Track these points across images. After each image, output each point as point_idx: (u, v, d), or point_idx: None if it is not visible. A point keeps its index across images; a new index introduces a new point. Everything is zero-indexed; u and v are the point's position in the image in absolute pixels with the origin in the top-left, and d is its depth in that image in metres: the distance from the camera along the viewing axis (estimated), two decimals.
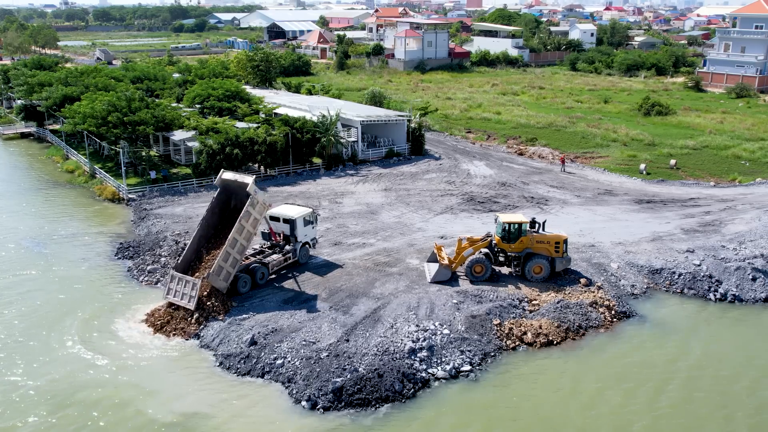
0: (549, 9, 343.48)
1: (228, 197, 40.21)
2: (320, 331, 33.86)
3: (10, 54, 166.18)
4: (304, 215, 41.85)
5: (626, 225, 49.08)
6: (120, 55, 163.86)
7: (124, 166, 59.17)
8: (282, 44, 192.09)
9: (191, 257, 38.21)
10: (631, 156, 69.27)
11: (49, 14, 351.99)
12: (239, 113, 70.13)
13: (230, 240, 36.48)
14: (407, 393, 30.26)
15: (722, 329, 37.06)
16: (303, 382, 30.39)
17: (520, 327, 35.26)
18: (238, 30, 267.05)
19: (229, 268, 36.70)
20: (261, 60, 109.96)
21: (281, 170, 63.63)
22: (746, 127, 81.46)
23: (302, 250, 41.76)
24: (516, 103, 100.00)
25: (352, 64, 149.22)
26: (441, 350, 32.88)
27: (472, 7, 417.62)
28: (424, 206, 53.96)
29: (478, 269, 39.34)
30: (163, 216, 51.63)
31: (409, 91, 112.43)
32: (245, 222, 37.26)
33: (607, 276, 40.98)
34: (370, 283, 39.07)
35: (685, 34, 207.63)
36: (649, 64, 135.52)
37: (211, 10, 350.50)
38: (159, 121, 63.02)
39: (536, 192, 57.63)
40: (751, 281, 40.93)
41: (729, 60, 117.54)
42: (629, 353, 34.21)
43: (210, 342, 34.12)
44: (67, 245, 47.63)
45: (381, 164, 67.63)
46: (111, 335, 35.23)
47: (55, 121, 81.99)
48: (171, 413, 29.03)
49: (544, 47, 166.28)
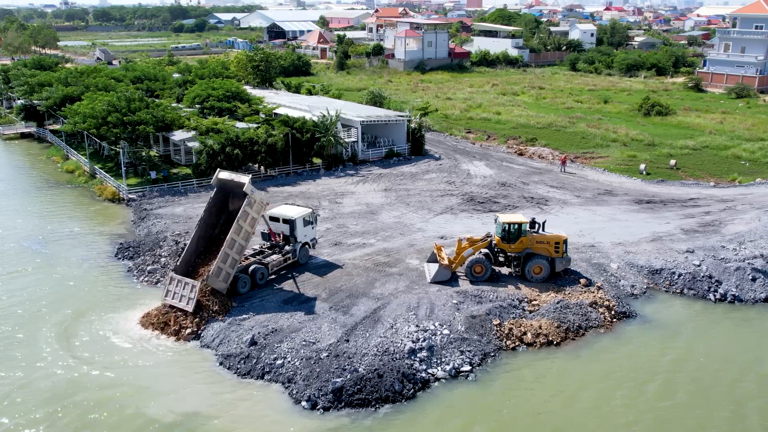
0: (549, 9, 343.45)
1: (225, 197, 40.10)
2: (320, 331, 33.88)
3: (10, 54, 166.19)
4: (304, 215, 41.81)
5: (626, 225, 49.10)
6: (120, 55, 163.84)
7: (124, 166, 59.19)
8: (282, 44, 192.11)
9: (190, 259, 38.12)
10: (631, 156, 69.30)
11: (49, 14, 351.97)
12: (239, 113, 70.15)
13: (228, 241, 36.36)
14: (407, 393, 30.27)
15: (722, 329, 37.06)
16: (303, 382, 30.40)
17: (520, 327, 35.27)
18: (238, 30, 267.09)
19: (228, 269, 36.62)
20: (261, 60, 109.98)
21: (281, 170, 63.65)
22: (746, 127, 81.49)
23: (302, 250, 41.73)
24: (516, 104, 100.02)
25: (352, 64, 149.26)
26: (441, 350, 32.89)
27: (472, 7, 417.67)
28: (424, 206, 53.97)
29: (478, 269, 39.36)
30: (163, 216, 51.65)
31: (409, 91, 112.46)
32: (243, 222, 37.11)
33: (607, 276, 41.00)
34: (370, 283, 39.08)
35: (685, 34, 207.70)
36: (649, 65, 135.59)
37: (211, 10, 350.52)
38: (159, 121, 63.03)
39: (536, 192, 57.65)
40: (751, 281, 40.94)
41: (729, 60, 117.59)
42: (629, 353, 34.21)
43: (210, 342, 34.13)
44: (67, 245, 47.65)
45: (381, 164, 67.65)
46: (111, 335, 35.23)
47: (55, 121, 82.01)
48: (171, 413, 29.04)
49: (544, 47, 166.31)
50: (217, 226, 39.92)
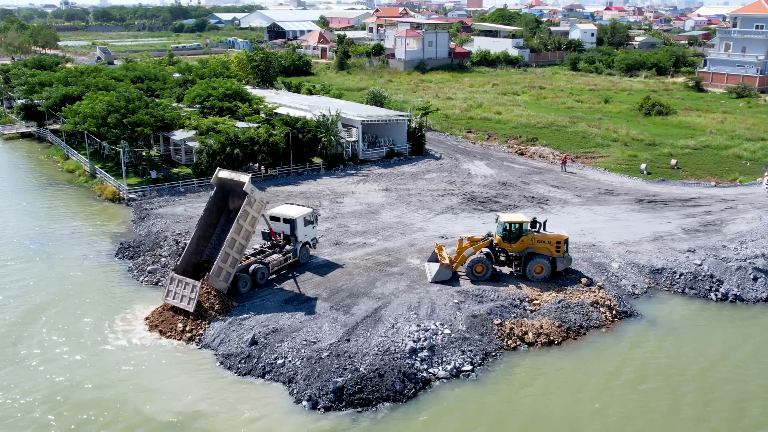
0: (549, 9, 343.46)
1: (225, 196, 40.01)
2: (321, 330, 33.82)
3: (10, 54, 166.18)
4: (305, 215, 41.78)
5: (627, 225, 49.04)
6: (120, 55, 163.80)
7: (124, 165, 59.14)
8: (282, 44, 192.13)
9: (191, 258, 38.04)
10: (632, 156, 69.25)
11: (50, 14, 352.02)
12: (240, 113, 70.10)
13: (229, 240, 36.29)
14: (408, 393, 30.22)
15: (723, 329, 37.00)
16: (304, 381, 30.34)
17: (521, 327, 35.21)
18: (238, 30, 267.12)
19: (228, 268, 36.57)
20: (261, 60, 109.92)
21: (282, 170, 63.60)
22: (747, 126, 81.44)
23: (302, 250, 41.71)
24: (516, 103, 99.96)
25: (352, 64, 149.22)
26: (442, 350, 32.84)
27: (473, 7, 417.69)
28: (424, 206, 53.92)
29: (479, 269, 39.30)
30: (163, 216, 51.60)
31: (410, 91, 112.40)
32: (243, 221, 37.02)
33: (608, 276, 40.94)
34: (370, 282, 39.02)
35: (685, 34, 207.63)
36: (650, 64, 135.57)
37: (212, 10, 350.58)
38: (158, 121, 62.97)
39: (537, 192, 57.60)
40: (752, 281, 40.89)
41: (729, 60, 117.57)
42: (630, 353, 34.17)
43: (211, 342, 34.07)
44: (67, 245, 47.61)
45: (381, 164, 67.60)
46: (111, 335, 35.18)
47: (55, 121, 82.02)
48: (171, 412, 28.99)
49: (545, 47, 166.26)
50: (217, 225, 39.84)
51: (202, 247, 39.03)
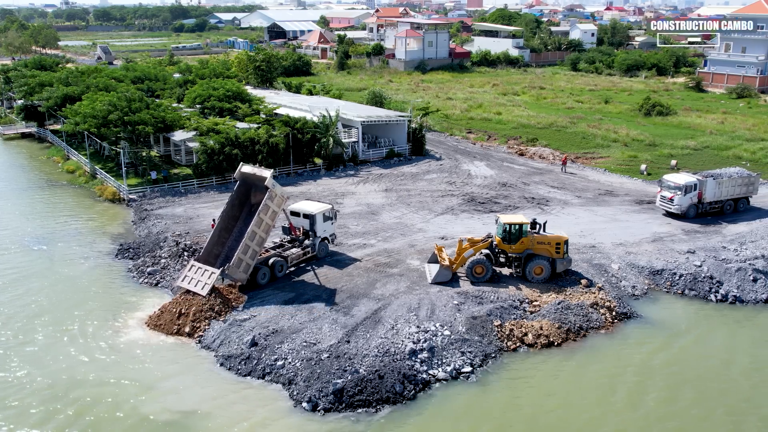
0: (549, 9, 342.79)
1: (248, 190, 41.16)
2: (321, 332, 33.83)
3: (10, 54, 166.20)
4: (324, 211, 43.06)
5: (627, 226, 49.04)
6: (120, 55, 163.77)
7: (124, 166, 59.15)
8: (282, 44, 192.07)
9: (212, 249, 39.14)
10: (632, 156, 69.24)
11: (50, 14, 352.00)
12: (240, 113, 70.08)
13: (249, 233, 37.48)
14: (408, 394, 30.23)
15: (723, 330, 37.01)
16: (303, 383, 30.36)
17: (521, 328, 35.22)
18: (238, 30, 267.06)
19: (248, 260, 37.66)
20: (262, 60, 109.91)
21: (282, 170, 63.56)
22: (747, 127, 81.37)
23: (321, 244, 42.94)
24: (516, 104, 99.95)
25: (352, 64, 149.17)
26: (442, 351, 32.85)
27: (473, 7, 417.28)
28: (424, 207, 53.92)
29: (479, 270, 39.31)
30: (163, 217, 51.61)
31: (410, 91, 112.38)
32: (264, 215, 38.29)
33: (608, 277, 40.94)
34: (370, 284, 39.04)
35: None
36: (650, 65, 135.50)
37: (212, 10, 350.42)
38: (158, 121, 62.99)
39: (537, 193, 57.59)
40: (752, 282, 40.89)
41: (730, 60, 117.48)
42: (630, 354, 34.16)
43: (210, 343, 34.10)
44: (67, 245, 47.63)
45: (381, 165, 67.60)
46: (111, 335, 35.22)
47: (55, 122, 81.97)
48: (170, 413, 29.02)
49: (545, 47, 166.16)
50: (239, 218, 40.87)
51: (224, 239, 40.00)
